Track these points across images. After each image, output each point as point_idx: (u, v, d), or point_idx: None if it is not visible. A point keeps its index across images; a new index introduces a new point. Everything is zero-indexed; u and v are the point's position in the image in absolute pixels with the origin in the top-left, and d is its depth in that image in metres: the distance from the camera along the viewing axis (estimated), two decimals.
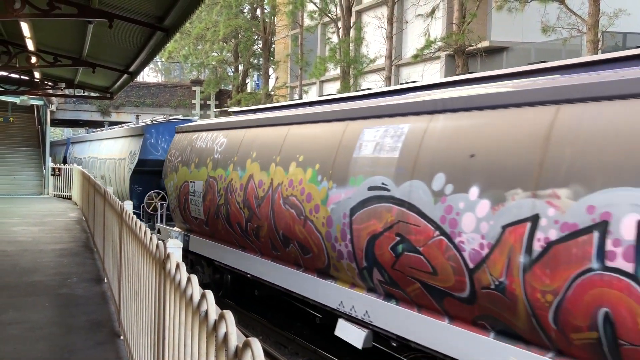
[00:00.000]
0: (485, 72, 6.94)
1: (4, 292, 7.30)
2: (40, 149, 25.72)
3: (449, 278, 5.64)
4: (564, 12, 16.24)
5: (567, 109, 4.86)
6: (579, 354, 4.65)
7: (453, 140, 5.86)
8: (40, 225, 14.07)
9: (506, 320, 5.19)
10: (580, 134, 4.68)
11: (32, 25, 10.46)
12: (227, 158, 10.25)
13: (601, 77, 4.86)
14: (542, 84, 5.33)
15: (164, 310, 3.26)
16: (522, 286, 4.90)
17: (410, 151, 6.28)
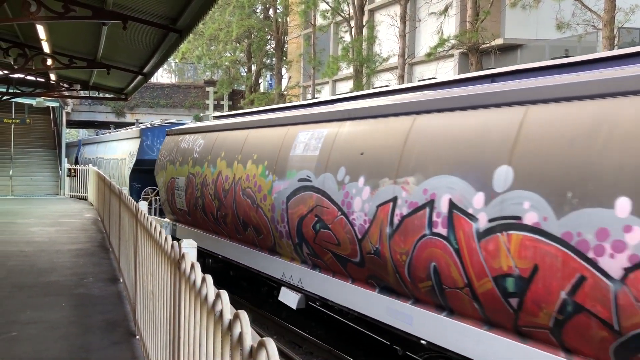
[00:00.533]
0: (397, 85, 9.44)
1: (22, 292, 7.38)
2: (56, 150, 26.00)
3: (347, 247, 7.39)
4: (579, 8, 16.07)
5: (419, 119, 6.70)
6: (425, 299, 6.39)
7: (352, 141, 7.68)
8: (57, 225, 14.22)
9: (383, 278, 6.92)
10: (423, 137, 6.50)
11: (47, 27, 10.56)
12: (203, 157, 12.07)
13: (440, 94, 6.70)
14: (408, 99, 7.14)
15: (179, 310, 3.28)
16: (389, 250, 6.62)
17: (325, 150, 8.08)
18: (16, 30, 12.34)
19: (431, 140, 6.37)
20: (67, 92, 19.51)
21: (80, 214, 17.15)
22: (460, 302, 5.87)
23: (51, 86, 17.64)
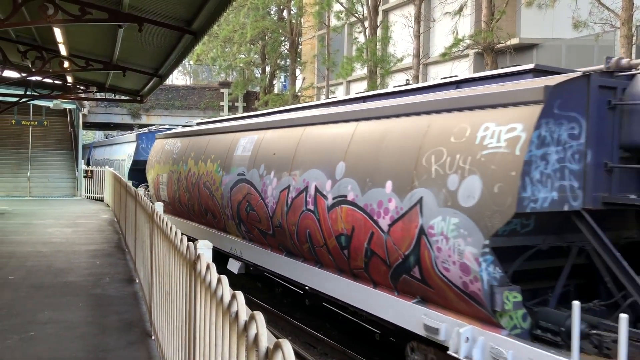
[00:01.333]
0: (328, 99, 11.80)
1: (40, 292, 7.46)
2: (73, 152, 26.27)
3: (265, 223, 9.78)
4: (596, 6, 15.89)
5: (307, 129, 9.09)
6: (307, 257, 8.74)
7: (269, 145, 10.08)
8: (74, 226, 14.36)
9: (286, 244, 9.28)
10: (307, 143, 8.88)
11: (64, 30, 10.67)
12: (180, 157, 14.50)
13: (322, 112, 9.16)
14: (301, 114, 9.81)
15: (195, 311, 3.28)
16: (286, 223, 8.96)
17: (254, 152, 10.51)
18: (34, 33, 12.49)
19: (310, 145, 8.83)
20: (84, 94, 19.71)
21: (97, 215, 17.31)
22: (323, 256, 8.26)
23: (68, 88, 17.83)
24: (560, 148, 5.41)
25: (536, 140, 5.27)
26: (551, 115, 5.34)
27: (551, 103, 5.33)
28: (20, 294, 7.34)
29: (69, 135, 28.01)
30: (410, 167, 6.45)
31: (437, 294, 6.17)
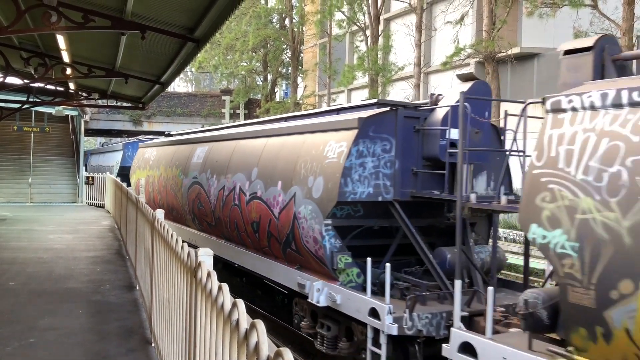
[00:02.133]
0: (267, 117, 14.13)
1: (41, 298, 7.46)
2: (75, 158, 26.31)
3: (210, 217, 12.08)
4: (597, 16, 15.96)
5: (239, 142, 11.44)
6: (237, 241, 11.09)
7: (215, 154, 12.43)
8: (74, 233, 14.36)
9: (224, 232, 11.63)
10: (237, 153, 11.18)
11: (67, 37, 10.73)
12: (154, 164, 16.99)
13: (250, 128, 12.04)
14: (235, 130, 12.80)
15: (195, 318, 3.29)
16: (222, 216, 11.27)
17: (205, 159, 12.83)
18: (37, 40, 12.55)
19: (239, 154, 11.10)
20: (86, 101, 19.77)
21: (98, 221, 17.32)
22: (245, 240, 10.56)
23: (70, 95, 17.89)
24: (375, 158, 7.85)
25: (355, 153, 7.71)
26: (367, 137, 7.77)
27: (366, 128, 7.76)
28: (21, 300, 7.34)
29: (70, 141, 28.06)
30: (291, 171, 8.89)
31: (305, 260, 8.54)
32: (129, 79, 13.29)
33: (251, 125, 12.61)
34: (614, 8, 16.01)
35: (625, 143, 4.72)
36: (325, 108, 11.06)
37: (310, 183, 8.23)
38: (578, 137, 5.10)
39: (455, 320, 6.29)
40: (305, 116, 10.59)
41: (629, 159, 4.64)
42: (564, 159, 5.16)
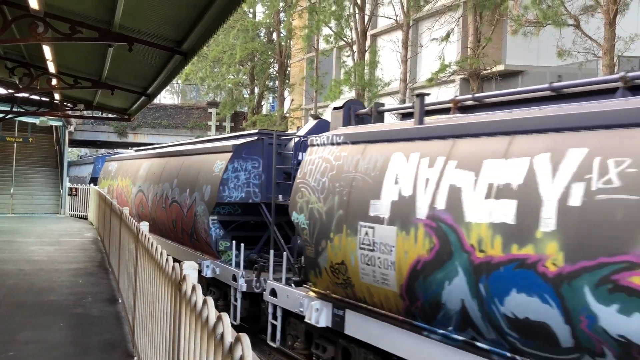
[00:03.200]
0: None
1: (21, 311, 7.35)
2: (58, 169, 26.06)
3: (149, 217, 14.79)
4: (580, 36, 16.23)
5: (169, 159, 15.19)
6: (167, 237, 14.48)
7: (153, 168, 15.58)
8: (56, 244, 14.19)
9: (160, 230, 14.63)
10: (168, 167, 14.62)
11: (53, 48, 10.68)
12: (114, 175, 20.46)
13: (177, 147, 16.37)
14: (166, 149, 16.88)
15: (179, 332, 3.27)
16: (157, 216, 14.59)
17: (147, 172, 16.05)
18: (22, 50, 12.48)
19: (168, 168, 14.37)
20: (71, 112, 19.64)
21: (80, 233, 17.13)
22: (170, 235, 13.91)
23: (55, 105, 17.77)
24: (246, 172, 11.32)
25: (231, 169, 11.19)
26: (240, 157, 11.29)
27: (239, 151, 11.31)
28: (1, 313, 7.22)
29: (54, 152, 27.81)
30: (194, 181, 12.36)
31: (202, 246, 12.15)
32: (115, 90, 13.25)
33: (179, 146, 16.27)
34: (596, 28, 16.32)
35: (329, 164, 8.02)
36: (222, 136, 15.42)
37: (204, 190, 11.74)
38: (315, 161, 8.34)
39: (270, 278, 9.53)
40: (209, 141, 14.28)
41: (329, 174, 7.91)
42: (308, 173, 8.37)
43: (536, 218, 4.99)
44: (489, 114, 6.28)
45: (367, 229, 6.93)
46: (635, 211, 4.32)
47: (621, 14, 15.46)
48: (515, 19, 17.77)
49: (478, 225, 5.51)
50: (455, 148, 6.12)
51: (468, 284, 5.58)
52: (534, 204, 5.05)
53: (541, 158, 5.16)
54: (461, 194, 5.79)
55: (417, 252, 6.18)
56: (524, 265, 5.03)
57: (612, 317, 4.35)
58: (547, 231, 4.88)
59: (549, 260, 4.82)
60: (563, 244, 4.74)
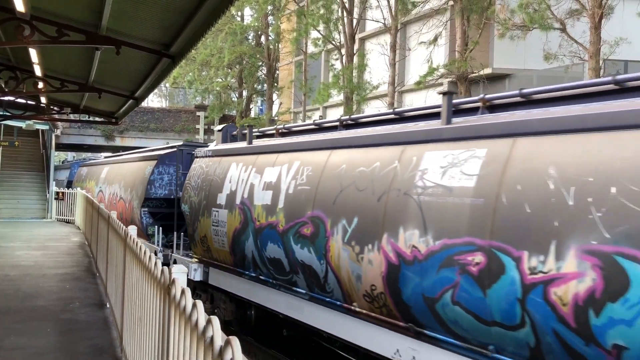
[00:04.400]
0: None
1: (6, 317, 7.27)
2: (45, 173, 25.82)
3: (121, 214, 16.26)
4: (566, 40, 16.41)
5: (120, 165, 19.69)
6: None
7: (111, 173, 19.68)
8: (43, 249, 14.06)
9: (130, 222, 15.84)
10: (117, 171, 19.09)
11: (40, 51, 10.61)
12: (85, 178, 24.65)
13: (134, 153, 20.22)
14: (117, 158, 22.03)
15: (169, 336, 3.25)
16: (121, 214, 15.37)
17: (107, 175, 20.20)
18: (8, 53, 12.37)
19: (119, 172, 17.98)
20: (58, 115, 19.49)
21: (67, 237, 16.99)
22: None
23: (41, 109, 17.64)
24: (168, 175, 14.64)
25: (156, 172, 14.58)
26: (164, 164, 14.72)
27: (163, 159, 14.78)
28: None
29: (40, 156, 27.56)
30: (132, 182, 15.89)
31: (139, 232, 11.40)
32: (102, 93, 13.17)
33: (127, 154, 20.15)
34: (582, 32, 16.50)
35: (202, 170, 11.44)
36: (158, 147, 19.02)
37: (138, 188, 15.10)
38: (196, 168, 11.85)
39: (173, 252, 12.97)
40: (149, 151, 17.80)
41: (201, 177, 11.33)
42: (191, 177, 11.85)
43: (277, 200, 8.51)
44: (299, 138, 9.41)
45: (215, 212, 10.49)
46: (308, 195, 7.87)
47: (606, 17, 15.64)
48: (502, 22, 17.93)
49: (258, 205, 8.99)
50: (257, 160, 9.68)
51: (253, 241, 9.07)
52: (277, 193, 8.58)
53: (284, 167, 8.69)
54: (254, 188, 9.28)
55: (235, 224, 9.70)
56: (271, 227, 8.53)
57: (299, 251, 7.89)
58: (280, 207, 8.41)
59: (280, 223, 8.32)
60: (284, 213, 8.27)
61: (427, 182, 6.05)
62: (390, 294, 6.31)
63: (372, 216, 6.60)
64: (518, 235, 4.98)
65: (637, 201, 4.29)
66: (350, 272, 6.90)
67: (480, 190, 5.44)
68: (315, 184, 7.79)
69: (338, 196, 7.27)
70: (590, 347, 4.50)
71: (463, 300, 5.41)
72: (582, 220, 4.56)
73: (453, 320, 5.59)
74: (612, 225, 4.38)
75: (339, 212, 7.16)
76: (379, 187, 6.68)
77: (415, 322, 6.11)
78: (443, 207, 5.74)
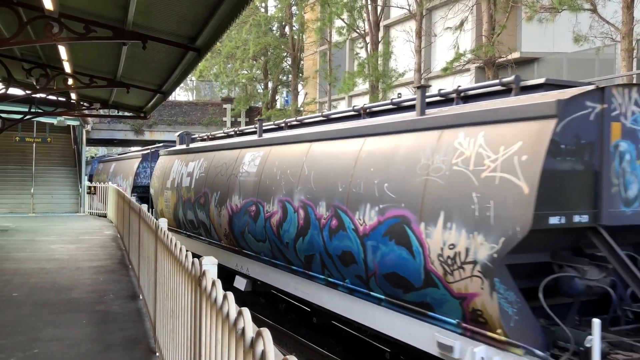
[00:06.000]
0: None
1: (44, 309, 7.45)
2: (77, 168, 26.33)
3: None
4: (597, 20, 15.98)
5: (127, 161, 29.26)
6: None
7: (115, 167, 30.52)
8: (77, 243, 14.36)
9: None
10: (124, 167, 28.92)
11: (69, 48, 10.76)
12: (100, 172, 34.53)
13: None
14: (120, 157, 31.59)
15: (200, 327, 3.28)
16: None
17: (113, 170, 30.68)
18: (38, 51, 12.60)
19: (120, 168, 28.54)
20: (87, 111, 19.81)
21: (100, 231, 17.32)
22: None
23: (72, 105, 17.93)
24: (150, 169, 21.86)
25: (141, 167, 24.36)
26: (147, 160, 24.17)
27: (146, 157, 24.23)
28: (24, 311, 7.33)
29: (72, 151, 28.10)
30: (127, 174, 25.48)
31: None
32: (130, 88, 13.32)
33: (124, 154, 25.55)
34: (614, 12, 16.04)
35: (161, 165, 17.00)
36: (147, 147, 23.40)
37: (130, 179, 20.29)
38: (159, 163, 17.23)
39: None
40: (137, 151, 22.70)
41: (160, 170, 16.76)
42: (156, 169, 17.13)
43: (191, 183, 13.60)
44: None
45: (165, 192, 15.30)
46: (204, 179, 12.91)
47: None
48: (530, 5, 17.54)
49: (183, 187, 14.00)
50: (186, 157, 14.68)
51: (182, 210, 13.95)
52: (191, 178, 13.62)
53: (196, 162, 13.74)
54: (182, 176, 14.26)
55: (174, 200, 14.52)
56: (189, 200, 13.63)
57: (199, 214, 13.03)
58: (192, 187, 13.40)
59: (192, 198, 13.50)
60: (194, 192, 13.34)
61: (243, 169, 11.15)
62: (231, 231, 11.32)
63: (224, 190, 11.61)
64: (263, 196, 9.96)
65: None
66: (217, 222, 11.91)
67: (258, 172, 10.40)
68: (207, 171, 12.91)
69: (215, 177, 12.30)
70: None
71: (252, 230, 10.32)
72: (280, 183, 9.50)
73: (250, 242, 10.56)
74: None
75: (213, 188, 12.21)
76: (228, 171, 11.75)
77: (240, 246, 11.10)
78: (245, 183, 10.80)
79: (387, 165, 7.00)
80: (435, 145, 6.36)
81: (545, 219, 5.17)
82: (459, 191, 5.81)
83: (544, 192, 5.11)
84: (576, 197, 5.40)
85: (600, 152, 5.48)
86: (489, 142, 5.71)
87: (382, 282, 6.91)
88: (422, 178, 6.35)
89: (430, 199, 6.15)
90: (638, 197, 5.70)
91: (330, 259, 7.97)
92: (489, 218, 5.40)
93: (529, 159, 5.23)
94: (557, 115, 5.20)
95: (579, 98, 5.38)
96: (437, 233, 5.94)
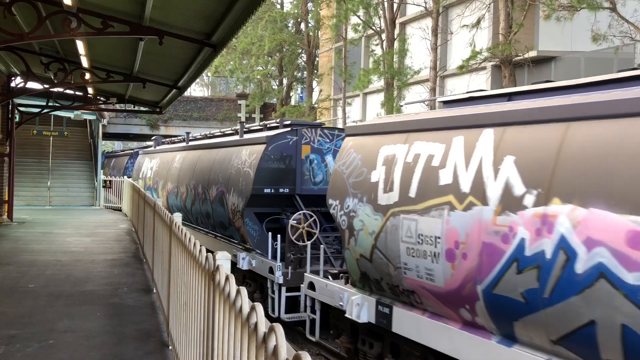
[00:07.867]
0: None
1: (59, 301, 7.55)
2: (92, 162, 26.59)
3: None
4: (616, 19, 15.78)
5: (122, 158, 38.72)
6: None
7: (116, 162, 39.97)
8: (92, 236, 14.51)
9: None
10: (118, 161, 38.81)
11: (86, 43, 10.87)
12: (107, 164, 40.16)
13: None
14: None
15: (213, 322, 3.31)
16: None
17: (114, 164, 40.78)
18: (57, 46, 12.73)
19: (117, 163, 37.95)
20: (104, 105, 20.00)
21: (115, 224, 17.48)
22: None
23: (89, 99, 18.11)
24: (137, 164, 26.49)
25: (130, 162, 31.82)
26: (135, 157, 29.53)
27: (135, 154, 30.08)
28: (40, 303, 7.43)
29: (88, 145, 28.39)
30: (120, 168, 34.33)
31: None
32: (146, 83, 13.42)
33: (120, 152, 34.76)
34: (633, 11, 15.83)
35: (143, 160, 23.21)
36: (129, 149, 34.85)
37: (121, 172, 26.82)
38: (138, 159, 24.94)
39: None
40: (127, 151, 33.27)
41: (142, 163, 23.30)
42: (136, 164, 24.49)
43: (152, 174, 20.60)
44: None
45: (139, 181, 20.38)
46: (161, 172, 19.45)
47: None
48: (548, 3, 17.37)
49: (149, 177, 20.93)
50: (152, 156, 21.72)
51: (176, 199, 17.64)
52: (152, 171, 20.68)
53: (156, 159, 20.97)
54: (149, 170, 21.06)
55: (142, 185, 18.18)
56: (152, 187, 20.12)
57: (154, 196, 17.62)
58: (152, 177, 20.69)
59: (153, 185, 20.16)
60: (152, 181, 20.51)
61: (174, 165, 17.78)
62: (168, 205, 15.01)
63: (165, 179, 17.57)
64: (181, 182, 16.69)
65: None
66: (162, 199, 14.44)
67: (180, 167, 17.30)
68: (166, 166, 18.11)
69: (169, 170, 17.14)
70: None
71: (174, 203, 17.17)
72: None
73: (173, 210, 14.10)
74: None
75: (161, 177, 17.04)
76: (167, 165, 18.08)
77: (171, 212, 13.53)
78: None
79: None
80: None
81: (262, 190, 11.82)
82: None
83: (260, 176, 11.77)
84: (281, 179, 12.00)
85: (295, 159, 12.06)
86: None
87: None
88: None
89: None
90: (322, 181, 12.23)
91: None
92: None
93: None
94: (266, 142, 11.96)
95: (280, 134, 12.05)
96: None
